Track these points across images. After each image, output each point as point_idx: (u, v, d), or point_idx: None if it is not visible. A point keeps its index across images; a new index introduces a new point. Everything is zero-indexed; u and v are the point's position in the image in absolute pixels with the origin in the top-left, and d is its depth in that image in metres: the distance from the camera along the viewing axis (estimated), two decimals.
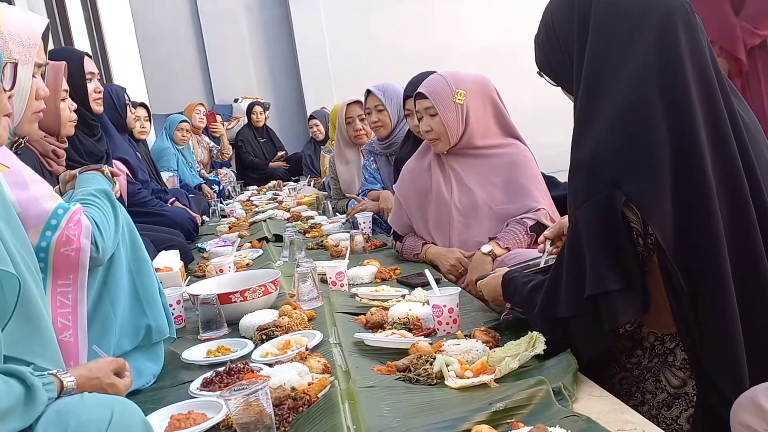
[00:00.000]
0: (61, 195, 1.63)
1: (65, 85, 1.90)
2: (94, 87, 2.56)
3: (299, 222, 3.80)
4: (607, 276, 1.24)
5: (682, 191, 1.23)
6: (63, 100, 1.88)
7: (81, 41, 5.28)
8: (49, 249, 1.40)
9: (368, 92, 3.58)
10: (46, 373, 1.09)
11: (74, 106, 1.96)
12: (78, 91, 2.43)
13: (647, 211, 1.23)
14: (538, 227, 2.24)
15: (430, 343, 1.54)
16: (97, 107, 2.59)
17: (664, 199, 1.23)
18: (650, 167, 1.23)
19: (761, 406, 1.05)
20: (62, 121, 1.90)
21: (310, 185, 5.44)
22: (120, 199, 1.74)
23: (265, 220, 3.97)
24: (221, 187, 5.79)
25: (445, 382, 1.34)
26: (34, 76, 1.44)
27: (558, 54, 1.44)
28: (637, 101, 1.26)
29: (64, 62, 1.90)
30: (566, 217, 1.80)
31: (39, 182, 1.44)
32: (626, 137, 1.25)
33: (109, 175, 1.69)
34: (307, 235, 3.44)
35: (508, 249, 2.24)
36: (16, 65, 1.13)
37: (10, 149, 1.52)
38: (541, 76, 1.53)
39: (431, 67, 4.68)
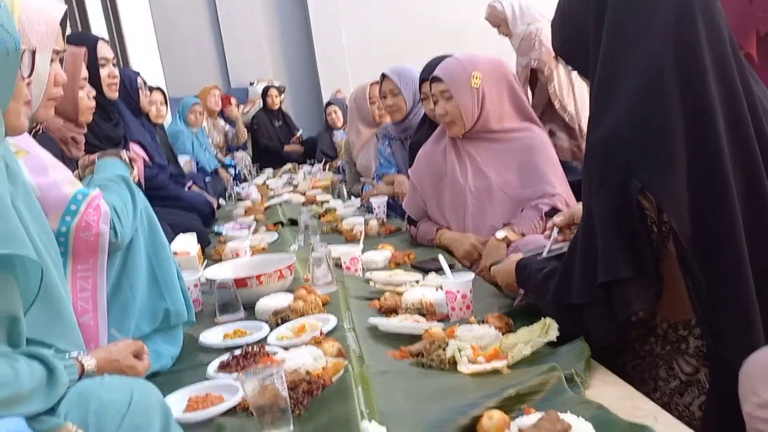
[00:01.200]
0: (81, 180, 1.66)
1: (84, 73, 1.92)
2: (108, 72, 2.58)
3: (314, 206, 3.82)
4: (620, 263, 1.24)
5: (698, 178, 1.22)
6: (81, 87, 1.90)
7: (98, 26, 5.31)
8: (69, 234, 1.42)
9: (383, 76, 3.55)
10: (67, 356, 1.11)
11: (93, 92, 1.98)
12: (92, 77, 2.45)
13: (662, 199, 1.23)
14: (554, 213, 2.23)
15: (444, 329, 1.56)
16: (112, 93, 2.61)
17: (680, 185, 1.22)
18: (665, 153, 1.22)
19: None
20: (81, 109, 1.92)
21: (325, 170, 5.45)
22: (138, 183, 1.76)
23: (280, 204, 4.00)
24: (237, 171, 5.82)
25: (458, 367, 1.36)
26: (52, 62, 1.46)
27: (574, 39, 1.42)
28: (652, 86, 1.25)
29: (84, 48, 1.91)
30: (578, 206, 1.80)
31: (58, 167, 1.46)
32: (641, 122, 1.25)
33: (128, 160, 1.71)
34: (321, 219, 3.46)
35: (523, 235, 2.24)
36: (34, 53, 1.14)
37: (29, 135, 1.54)
38: (557, 60, 1.53)
39: (449, 47, 4.67)
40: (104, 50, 2.61)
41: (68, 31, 1.69)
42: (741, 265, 1.21)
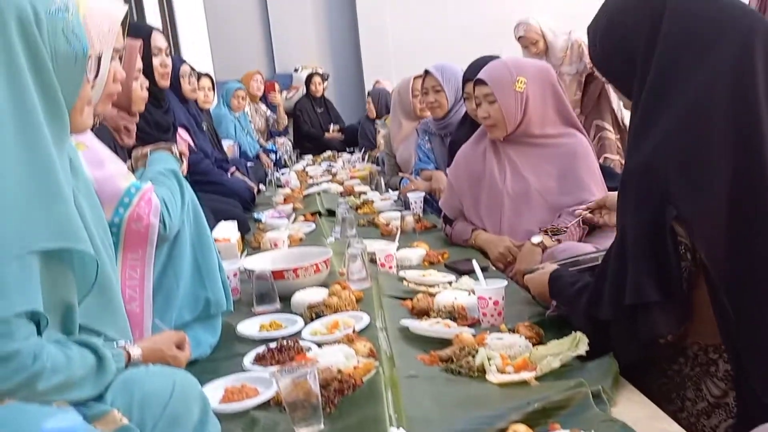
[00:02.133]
0: (133, 171, 1.73)
1: (139, 64, 1.99)
2: (160, 61, 2.65)
3: (351, 197, 3.86)
4: (647, 287, 1.25)
5: (740, 215, 1.22)
6: (136, 78, 1.97)
7: (153, 15, 5.42)
8: (122, 225, 1.50)
9: (426, 72, 3.56)
10: (115, 344, 1.18)
11: (146, 83, 2.05)
12: (145, 66, 2.52)
13: (695, 231, 1.23)
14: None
15: (474, 335, 1.58)
16: (164, 82, 2.69)
17: (718, 220, 1.22)
18: (706, 185, 1.22)
19: None
20: (134, 99, 1.99)
21: (364, 159, 5.49)
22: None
23: (318, 194, 4.05)
24: (278, 156, 5.91)
25: (486, 376, 1.39)
26: (111, 60, 1.52)
27: (619, 53, 1.39)
28: (701, 116, 1.24)
29: (140, 41, 1.98)
30: (611, 194, 1.80)
31: (114, 161, 1.53)
32: (685, 151, 1.24)
33: (177, 154, 1.77)
34: (358, 210, 3.50)
35: (559, 241, 2.25)
36: (100, 57, 1.20)
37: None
38: (593, 71, 1.52)
39: (495, 44, 4.66)
40: (158, 40, 2.68)
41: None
42: None
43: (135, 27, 2.80)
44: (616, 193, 1.48)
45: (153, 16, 5.53)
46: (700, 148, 1.24)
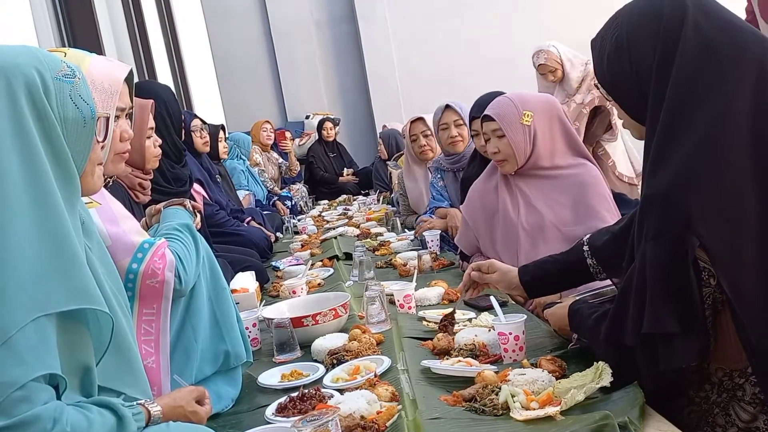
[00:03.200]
0: (147, 228, 1.75)
1: (151, 123, 2.03)
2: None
3: (369, 239, 3.87)
4: (666, 317, 1.23)
5: (765, 237, 1.19)
6: (149, 137, 2.02)
7: (163, 71, 5.56)
8: (136, 280, 1.51)
9: (447, 107, 3.59)
10: (135, 403, 1.18)
11: (159, 141, 2.10)
12: (174, 121, 2.61)
13: (719, 258, 1.21)
14: None
15: (496, 372, 1.56)
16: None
17: (741, 244, 1.20)
18: (731, 210, 1.20)
19: None
20: (147, 158, 2.03)
21: (379, 201, 5.51)
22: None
23: (335, 238, 4.06)
24: (293, 203, 5.95)
25: (511, 413, 1.36)
26: (117, 118, 1.56)
27: (628, 76, 1.36)
28: (723, 140, 1.23)
29: (151, 101, 2.03)
30: None
31: (128, 218, 1.56)
32: (708, 176, 1.22)
33: (191, 209, 1.80)
34: (376, 252, 3.51)
35: None
36: (108, 119, 1.24)
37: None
38: (598, 88, 1.50)
39: (502, 79, 4.70)
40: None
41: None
42: None
43: (149, 86, 2.88)
44: None
45: (163, 72, 5.67)
46: (722, 175, 1.21)
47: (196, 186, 3.47)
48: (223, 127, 5.04)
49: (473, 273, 1.97)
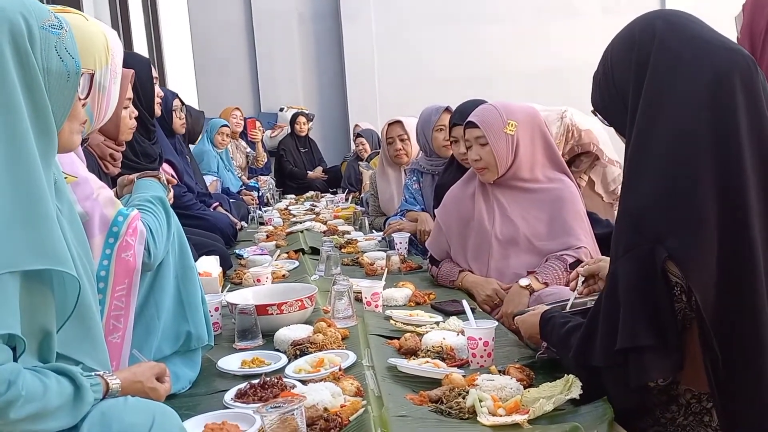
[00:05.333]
0: (119, 198, 1.68)
1: (130, 93, 1.96)
2: (156, 91, 2.64)
3: (336, 237, 3.83)
4: (640, 331, 1.22)
5: (727, 252, 1.21)
6: (125, 107, 1.95)
7: (140, 45, 5.43)
8: (112, 256, 1.46)
9: (446, 109, 3.51)
10: (94, 374, 1.12)
11: (135, 113, 2.03)
12: (146, 96, 2.51)
13: (689, 269, 1.22)
14: (578, 264, 2.22)
15: (464, 375, 1.54)
16: (158, 111, 2.67)
17: (709, 258, 1.21)
18: (696, 223, 1.22)
19: None
20: (122, 129, 1.96)
21: (347, 200, 5.47)
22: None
23: (302, 231, 4.01)
24: (260, 194, 5.87)
25: (478, 418, 1.34)
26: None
27: (614, 98, 1.41)
28: (686, 156, 1.24)
29: (132, 70, 1.96)
30: (604, 259, 1.79)
31: (102, 188, 1.49)
32: (673, 191, 1.24)
33: (165, 182, 1.74)
34: (342, 250, 3.47)
35: (546, 284, 2.24)
36: (92, 75, 1.18)
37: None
38: (595, 114, 1.52)
39: (480, 90, 4.70)
40: (152, 70, 2.68)
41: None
42: (762, 345, 1.20)
43: (134, 57, 2.79)
44: (608, 259, 1.47)
45: (140, 46, 5.54)
46: (686, 187, 1.23)
47: (165, 166, 3.37)
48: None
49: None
